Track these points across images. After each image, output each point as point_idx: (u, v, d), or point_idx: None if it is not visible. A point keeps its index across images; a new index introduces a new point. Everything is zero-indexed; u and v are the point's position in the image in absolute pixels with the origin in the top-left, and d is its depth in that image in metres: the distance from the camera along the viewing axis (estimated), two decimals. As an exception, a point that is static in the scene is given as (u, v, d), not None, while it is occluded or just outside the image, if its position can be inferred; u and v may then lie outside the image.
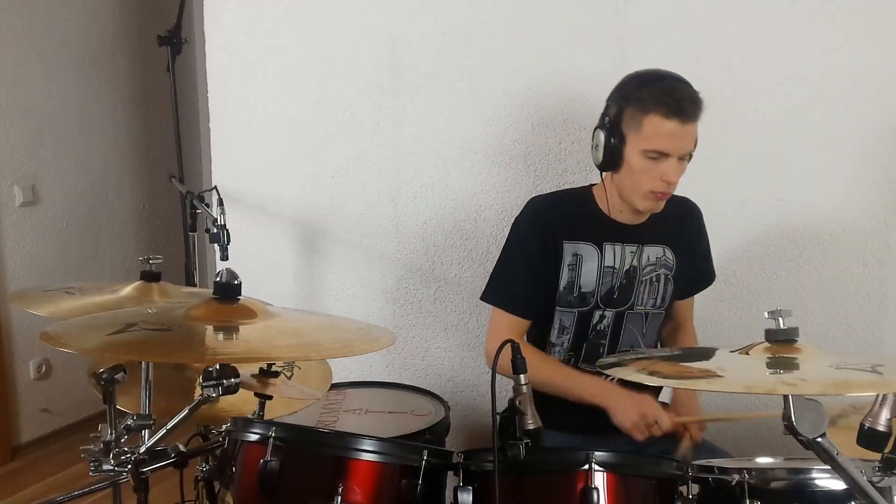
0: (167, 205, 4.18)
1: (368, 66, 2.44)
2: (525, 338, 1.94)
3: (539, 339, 1.93)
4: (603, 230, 1.85)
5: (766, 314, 1.24)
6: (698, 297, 2.08)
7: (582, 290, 1.86)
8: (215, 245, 2.29)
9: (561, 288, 1.86)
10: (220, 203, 2.36)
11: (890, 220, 2.08)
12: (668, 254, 1.88)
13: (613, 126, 1.74)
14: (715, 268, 2.03)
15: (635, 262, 1.86)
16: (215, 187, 2.48)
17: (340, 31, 2.46)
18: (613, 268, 1.86)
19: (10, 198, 3.43)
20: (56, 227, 3.65)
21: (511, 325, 1.87)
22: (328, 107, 2.51)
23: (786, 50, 2.08)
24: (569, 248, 1.85)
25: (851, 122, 2.06)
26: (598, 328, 1.88)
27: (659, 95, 1.69)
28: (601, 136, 1.76)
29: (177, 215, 3.16)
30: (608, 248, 1.85)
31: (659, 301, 1.89)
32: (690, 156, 1.77)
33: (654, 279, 1.88)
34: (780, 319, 1.22)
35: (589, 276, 1.85)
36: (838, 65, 2.05)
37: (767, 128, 2.13)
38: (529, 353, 1.69)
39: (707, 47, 2.13)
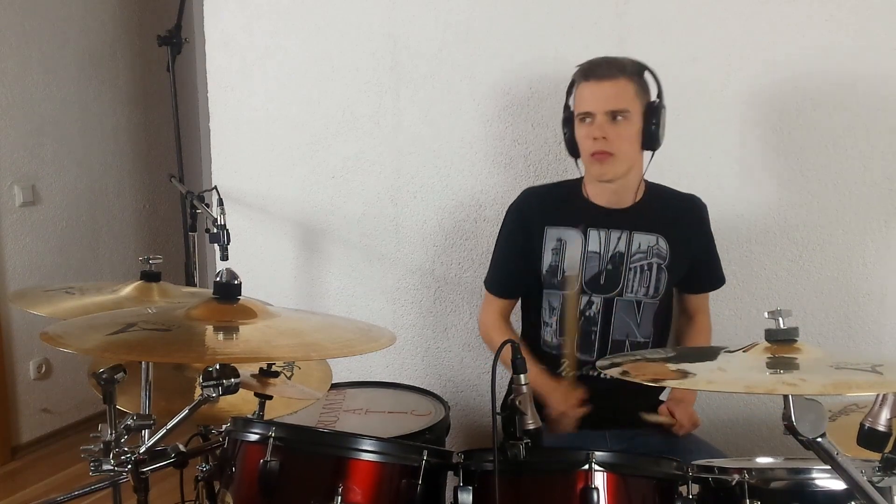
0: (167, 205, 4.18)
1: (368, 66, 2.44)
2: (523, 321, 2.09)
3: (535, 317, 2.00)
4: (588, 216, 1.91)
5: (766, 314, 1.24)
6: (698, 297, 2.09)
7: (566, 274, 1.92)
8: (215, 245, 2.29)
9: (544, 271, 1.93)
10: (220, 203, 2.36)
11: (890, 220, 2.08)
12: (662, 243, 1.90)
13: (567, 114, 1.92)
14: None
15: (622, 248, 1.90)
16: (215, 187, 2.48)
17: (340, 31, 2.46)
18: (598, 253, 1.90)
19: (10, 198, 3.43)
20: (56, 227, 3.65)
21: (492, 304, 2.06)
22: (328, 107, 2.51)
23: (786, 50, 2.08)
24: (552, 232, 1.93)
25: (851, 122, 2.06)
26: (588, 314, 1.91)
27: (582, 69, 1.86)
28: (563, 127, 1.93)
29: (177, 215, 3.16)
30: (593, 233, 1.91)
31: (652, 290, 1.91)
32: (633, 119, 1.82)
33: (646, 267, 1.90)
34: (780, 319, 1.22)
35: (572, 261, 1.91)
36: (838, 65, 2.05)
37: (767, 127, 2.12)
38: (499, 330, 2.00)
39: (707, 47, 2.13)
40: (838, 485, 1.31)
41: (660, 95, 1.87)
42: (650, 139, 1.84)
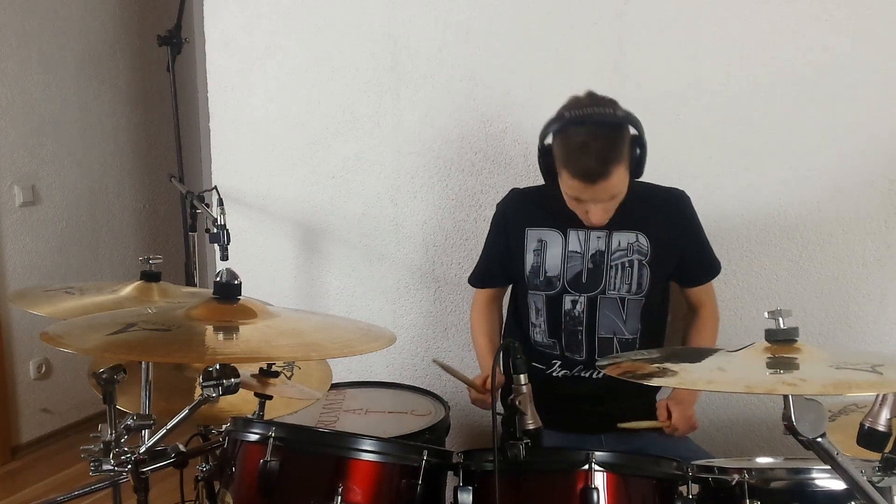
0: (167, 205, 4.18)
1: (368, 66, 2.45)
2: (506, 311, 2.15)
3: (523, 318, 2.01)
4: (567, 218, 1.89)
5: (766, 314, 1.24)
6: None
7: (548, 275, 1.93)
8: (215, 245, 2.29)
9: (527, 272, 1.95)
10: (220, 203, 2.36)
11: (890, 220, 2.08)
12: (642, 240, 1.90)
13: (546, 160, 1.82)
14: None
15: (602, 247, 1.90)
16: (215, 187, 2.48)
17: (340, 31, 2.46)
18: (578, 252, 1.91)
19: (10, 198, 3.43)
20: (56, 227, 3.65)
21: (476, 295, 2.14)
22: (328, 107, 2.51)
23: (786, 50, 2.08)
24: (533, 234, 1.95)
25: (851, 122, 2.06)
26: (573, 314, 1.92)
27: (567, 154, 1.74)
28: (540, 140, 1.83)
29: (177, 215, 3.17)
30: (573, 233, 1.92)
31: (634, 286, 1.90)
32: (623, 185, 1.77)
33: (627, 264, 1.90)
34: (780, 319, 1.22)
35: (554, 261, 1.93)
36: (838, 65, 2.05)
37: (767, 128, 2.12)
38: (477, 312, 2.11)
39: (707, 47, 2.13)
40: (838, 485, 1.31)
41: (639, 132, 1.78)
42: (637, 171, 1.79)
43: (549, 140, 1.80)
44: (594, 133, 1.71)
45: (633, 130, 1.77)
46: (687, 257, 1.96)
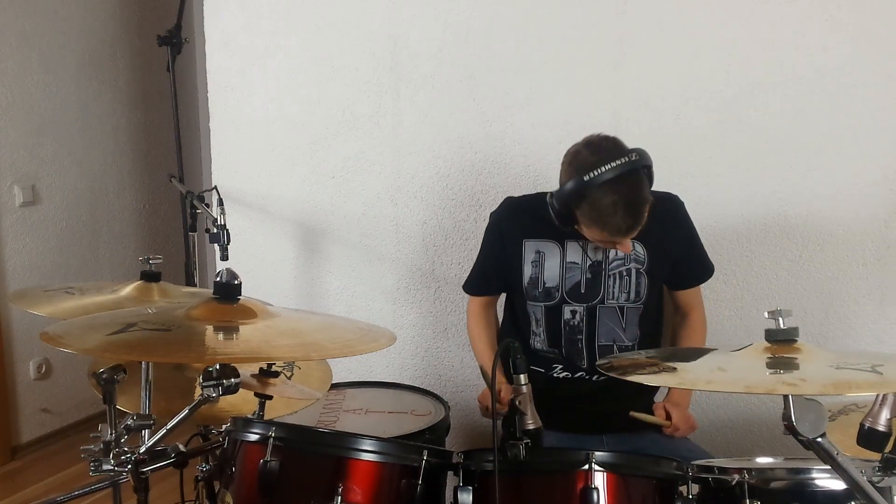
0: (167, 205, 4.18)
1: (368, 66, 2.45)
2: (510, 329, 2.08)
3: (522, 327, 2.00)
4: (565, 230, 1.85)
5: (766, 314, 1.24)
6: (698, 297, 2.08)
7: (546, 286, 1.93)
8: (215, 245, 2.29)
9: (525, 283, 1.94)
10: (220, 203, 2.36)
11: (890, 220, 2.08)
12: (639, 248, 1.90)
13: (565, 218, 1.77)
14: (715, 267, 2.02)
15: (600, 257, 1.90)
16: (215, 187, 2.48)
17: (340, 31, 2.46)
18: (577, 263, 1.91)
19: (10, 198, 3.43)
20: (56, 227, 3.65)
21: (472, 301, 2.12)
22: (328, 107, 2.51)
23: (786, 50, 2.08)
24: (530, 245, 1.94)
25: (851, 122, 2.06)
26: (572, 324, 1.92)
27: (598, 218, 1.70)
28: (555, 205, 1.77)
29: (177, 215, 3.17)
30: (570, 244, 1.91)
31: (633, 295, 1.91)
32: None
33: (625, 273, 1.90)
34: (780, 319, 1.22)
35: (552, 272, 1.92)
36: (838, 65, 2.05)
37: (767, 128, 2.13)
38: (476, 317, 2.08)
39: (707, 47, 2.13)
40: (838, 485, 1.31)
41: (649, 163, 1.74)
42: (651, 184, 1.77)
43: (568, 204, 1.74)
44: (620, 191, 1.67)
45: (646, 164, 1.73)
46: (681, 261, 1.96)
